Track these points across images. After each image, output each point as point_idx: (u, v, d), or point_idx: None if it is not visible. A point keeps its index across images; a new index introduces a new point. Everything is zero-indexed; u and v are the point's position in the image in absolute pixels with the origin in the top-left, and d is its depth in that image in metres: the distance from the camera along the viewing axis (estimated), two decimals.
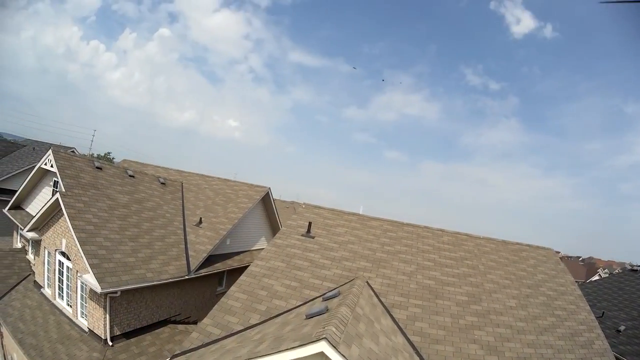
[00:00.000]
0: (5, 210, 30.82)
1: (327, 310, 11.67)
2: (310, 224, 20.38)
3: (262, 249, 34.65)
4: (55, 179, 25.92)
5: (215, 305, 15.39)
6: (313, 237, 19.80)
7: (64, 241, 21.14)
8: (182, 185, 33.54)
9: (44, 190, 28.69)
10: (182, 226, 27.56)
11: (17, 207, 31.11)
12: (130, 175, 28.54)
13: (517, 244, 21.53)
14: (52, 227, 22.49)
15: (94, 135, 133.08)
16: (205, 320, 14.64)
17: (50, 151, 25.32)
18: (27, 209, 30.30)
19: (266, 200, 33.52)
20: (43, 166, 26.32)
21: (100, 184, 24.91)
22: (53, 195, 25.35)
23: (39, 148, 46.30)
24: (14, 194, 31.87)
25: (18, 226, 29.63)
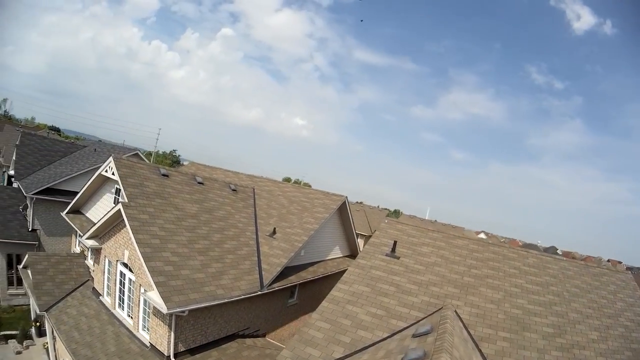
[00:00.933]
0: (63, 214, 31.42)
1: (424, 356, 10.97)
2: (395, 243, 19.72)
3: (336, 258, 34.52)
4: (118, 186, 25.31)
5: (295, 335, 14.77)
6: (398, 258, 19.19)
7: (126, 253, 20.88)
8: (254, 192, 32.87)
9: (105, 196, 28.65)
10: (254, 236, 26.85)
11: (76, 211, 31.58)
12: (199, 182, 28.09)
13: (598, 267, 20.67)
14: (114, 237, 22.34)
15: (159, 134, 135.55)
16: (284, 353, 13.93)
17: (111, 158, 24.53)
18: (87, 214, 30.70)
19: (342, 209, 32.97)
20: (104, 173, 25.83)
21: (167, 193, 24.33)
22: (115, 203, 25.71)
23: (100, 149, 47.61)
24: (74, 196, 32.65)
25: (77, 231, 29.89)
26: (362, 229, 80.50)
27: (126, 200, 21.16)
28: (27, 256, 27.11)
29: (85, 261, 27.38)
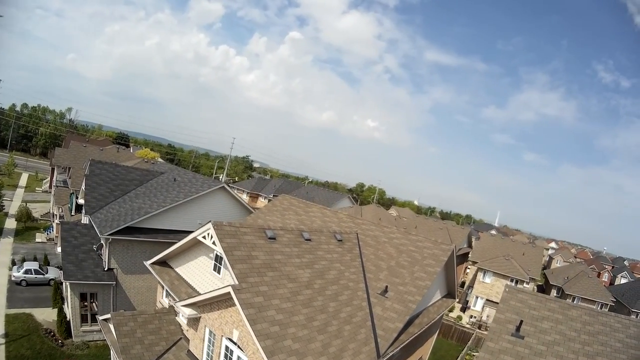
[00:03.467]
0: (148, 265, 30.77)
1: None
2: (521, 322, 20.45)
3: (436, 301, 33.73)
4: (218, 253, 24.20)
5: None
6: (522, 338, 19.77)
7: (235, 332, 20.07)
8: (358, 239, 32.36)
9: (201, 259, 27.53)
10: (365, 295, 26.27)
11: (164, 262, 31.02)
12: (307, 239, 27.58)
13: None
14: (218, 311, 21.62)
15: (233, 143, 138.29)
16: None
17: (210, 226, 22.92)
18: (177, 269, 29.96)
19: (450, 256, 31.63)
20: (200, 239, 24.80)
21: (277, 261, 23.45)
22: (215, 270, 24.95)
23: (180, 179, 47.22)
24: (155, 234, 32.78)
25: (165, 288, 29.50)
26: None
27: (236, 281, 20.21)
28: (110, 315, 26.53)
29: (177, 318, 26.62)
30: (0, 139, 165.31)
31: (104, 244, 37.76)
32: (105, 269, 38.03)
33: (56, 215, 67.54)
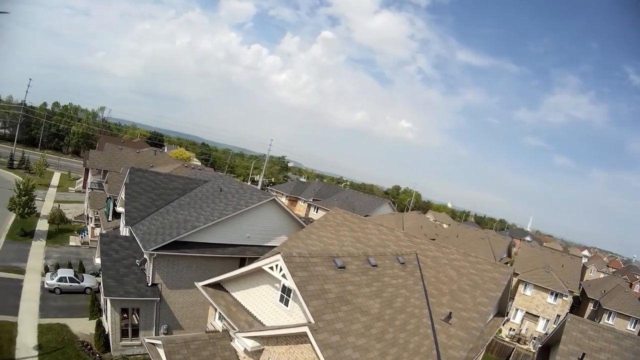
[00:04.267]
0: (200, 287, 29.77)
1: None
2: (583, 355, 23.07)
3: (489, 322, 32.81)
4: (286, 284, 23.40)
5: None
6: None
7: None
8: (417, 259, 32.42)
9: (263, 287, 26.44)
10: (430, 322, 26.04)
11: (217, 284, 30.02)
12: (373, 265, 27.29)
13: None
14: (287, 346, 20.92)
15: (270, 145, 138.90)
16: None
17: (279, 257, 22.13)
18: (234, 294, 28.96)
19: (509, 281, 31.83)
20: (267, 269, 23.88)
21: (349, 292, 23.11)
22: (283, 302, 24.10)
23: (226, 189, 45.86)
24: (202, 248, 31.78)
25: (218, 311, 28.68)
26: (488, 257, 78.12)
27: (311, 320, 19.58)
28: (161, 342, 25.23)
29: (232, 343, 25.50)
30: (31, 137, 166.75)
31: (147, 259, 36.46)
32: (149, 285, 36.73)
33: (91, 218, 67.10)
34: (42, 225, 69.53)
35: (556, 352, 29.90)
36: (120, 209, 47.44)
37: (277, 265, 22.73)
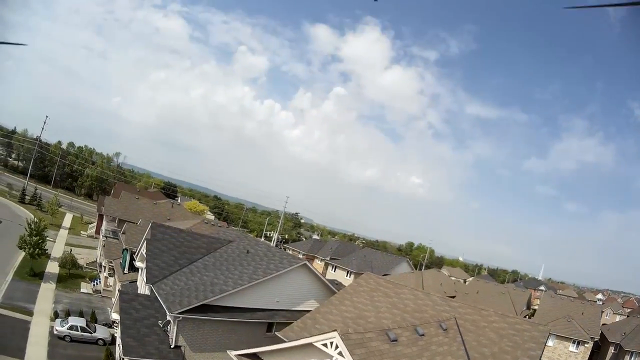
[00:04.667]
0: (234, 356, 28.46)
1: None
2: None
3: None
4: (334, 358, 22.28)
5: None
6: None
7: None
8: (457, 323, 32.19)
9: None
10: None
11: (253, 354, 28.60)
12: (421, 335, 27.08)
13: None
14: None
15: (286, 202, 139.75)
16: None
17: (336, 335, 21.62)
18: None
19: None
20: (320, 346, 23.03)
21: None
22: None
23: (253, 250, 44.55)
24: (229, 313, 31.79)
25: None
26: (509, 312, 78.63)
27: None
28: None
29: None
30: (44, 174, 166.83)
31: (171, 321, 34.69)
32: (172, 347, 34.82)
33: (104, 267, 65.27)
34: (52, 268, 67.65)
35: None
36: (139, 264, 45.73)
37: (332, 343, 22.21)
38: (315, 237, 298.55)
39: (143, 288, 43.35)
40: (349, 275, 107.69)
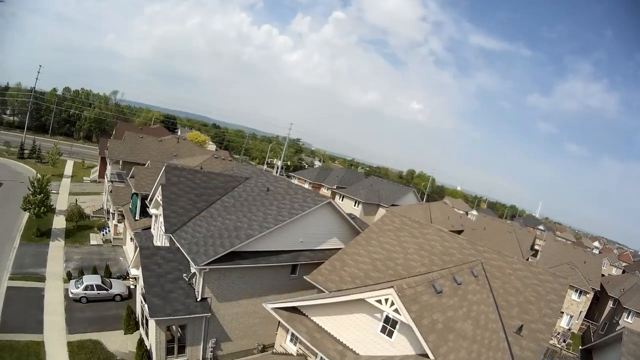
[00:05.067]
0: (271, 309, 27.32)
1: None
2: None
3: None
4: (389, 314, 23.42)
5: None
6: None
7: None
8: (484, 269, 32.59)
9: (357, 315, 25.68)
10: (504, 335, 26.78)
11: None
12: (459, 284, 27.72)
13: None
14: None
15: (290, 129, 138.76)
16: None
17: (392, 292, 21.81)
18: (315, 319, 27.24)
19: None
20: (373, 302, 23.45)
21: (450, 319, 24.13)
22: (386, 333, 24.03)
23: (273, 188, 42.34)
24: (255, 258, 33.31)
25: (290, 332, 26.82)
26: (514, 254, 79.09)
27: (432, 356, 20.84)
28: None
29: None
30: (41, 124, 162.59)
31: (197, 274, 32.76)
32: (198, 300, 33.14)
33: (113, 214, 63.15)
34: (59, 223, 65.29)
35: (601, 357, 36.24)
36: (154, 211, 43.35)
37: (387, 300, 22.44)
38: (317, 163, 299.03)
39: (160, 237, 41.05)
40: (356, 204, 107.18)
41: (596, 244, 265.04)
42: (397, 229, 38.41)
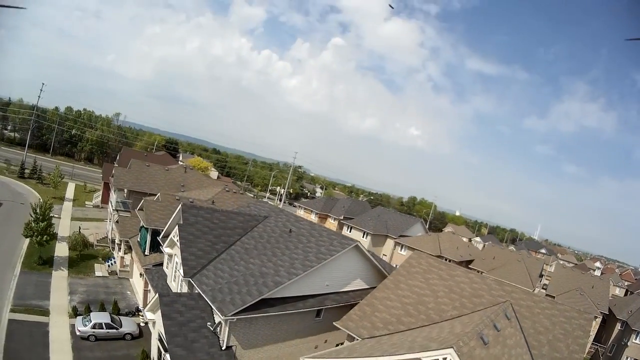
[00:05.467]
0: None
1: None
2: None
3: None
4: None
5: None
6: None
7: None
8: (513, 309, 32.04)
9: None
10: None
11: None
12: (498, 330, 26.74)
13: None
14: None
15: (295, 158, 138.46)
16: None
17: (452, 352, 20.94)
18: None
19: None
20: None
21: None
22: None
23: (295, 229, 40.63)
24: (281, 304, 32.19)
25: None
26: (524, 283, 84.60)
27: None
28: None
29: None
30: (42, 142, 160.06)
31: (222, 323, 30.82)
32: (223, 349, 31.21)
33: (119, 244, 61.03)
34: (62, 250, 62.75)
35: None
36: (168, 251, 41.16)
37: (444, 359, 21.69)
38: (318, 190, 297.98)
39: (175, 277, 39.30)
40: (365, 236, 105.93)
41: (597, 264, 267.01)
42: (425, 270, 38.06)
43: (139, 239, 53.24)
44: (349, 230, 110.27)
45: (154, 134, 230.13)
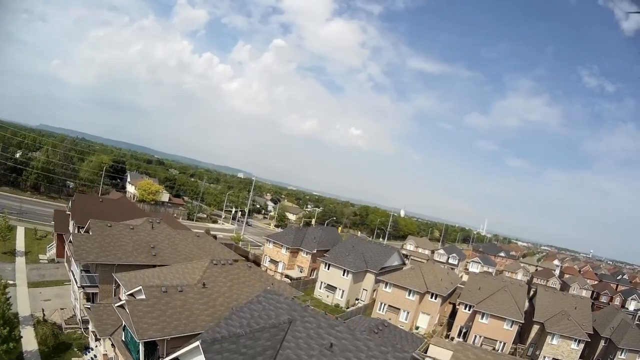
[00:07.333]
0: None
1: None
2: None
3: None
4: None
5: None
6: None
7: None
8: None
9: None
10: None
11: None
12: None
13: None
14: None
15: (253, 181, 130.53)
16: None
17: None
18: None
19: None
20: None
21: None
22: None
23: (336, 341, 32.21)
24: None
25: None
26: (514, 314, 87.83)
27: None
28: None
29: None
30: None
31: None
32: None
33: (94, 334, 51.14)
34: (29, 340, 50.32)
35: None
36: None
37: None
38: (270, 203, 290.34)
39: None
40: (345, 274, 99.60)
41: (556, 262, 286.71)
42: None
43: (123, 339, 44.27)
44: (327, 267, 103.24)
45: (101, 154, 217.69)
